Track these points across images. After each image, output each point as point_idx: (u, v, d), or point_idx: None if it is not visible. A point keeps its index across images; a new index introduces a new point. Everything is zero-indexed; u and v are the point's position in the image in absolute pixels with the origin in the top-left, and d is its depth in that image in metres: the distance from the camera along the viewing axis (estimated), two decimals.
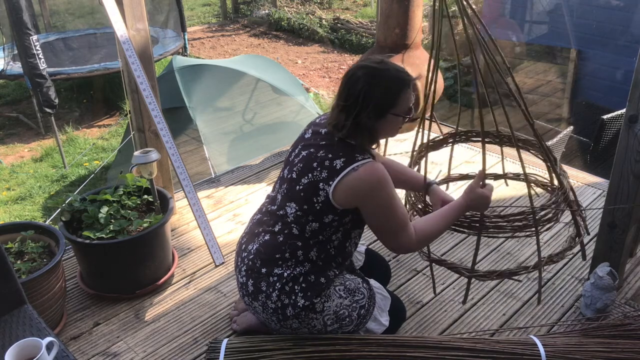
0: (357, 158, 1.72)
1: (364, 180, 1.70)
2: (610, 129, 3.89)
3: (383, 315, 1.93)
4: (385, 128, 1.76)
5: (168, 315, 2.21)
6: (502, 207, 1.97)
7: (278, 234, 1.80)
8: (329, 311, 1.80)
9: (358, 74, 1.69)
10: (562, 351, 1.78)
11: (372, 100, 1.68)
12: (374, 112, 1.70)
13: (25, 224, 2.20)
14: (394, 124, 1.76)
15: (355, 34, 8.62)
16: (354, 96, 1.68)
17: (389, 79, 1.70)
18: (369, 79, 1.68)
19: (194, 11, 11.20)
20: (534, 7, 5.74)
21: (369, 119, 1.70)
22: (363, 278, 1.93)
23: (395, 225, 1.77)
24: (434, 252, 2.41)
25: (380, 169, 1.72)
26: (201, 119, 4.44)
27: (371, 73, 1.69)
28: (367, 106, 1.68)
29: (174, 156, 2.45)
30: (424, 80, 3.02)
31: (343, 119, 1.72)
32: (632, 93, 1.86)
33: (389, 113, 1.71)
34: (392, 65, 1.74)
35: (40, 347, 1.42)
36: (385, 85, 1.69)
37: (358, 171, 1.70)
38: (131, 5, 2.41)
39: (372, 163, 1.72)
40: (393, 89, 1.70)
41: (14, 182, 5.16)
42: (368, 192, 1.71)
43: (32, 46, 5.09)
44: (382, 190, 1.72)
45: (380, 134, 1.79)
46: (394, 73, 1.72)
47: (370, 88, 1.68)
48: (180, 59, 4.95)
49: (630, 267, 2.37)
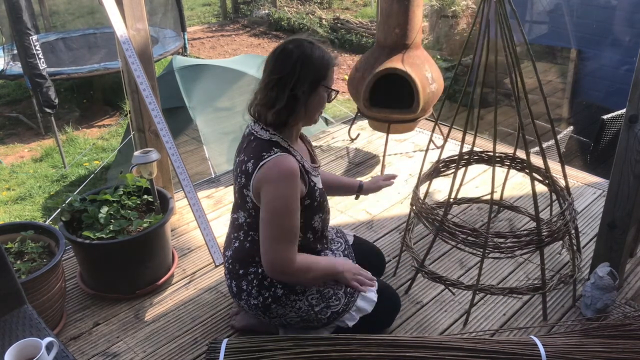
0: (264, 156, 1.71)
1: (264, 173, 1.70)
2: (610, 129, 3.89)
3: (371, 292, 1.95)
4: (315, 104, 1.76)
5: (168, 315, 2.21)
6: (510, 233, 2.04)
7: (244, 241, 1.88)
8: (312, 290, 1.87)
9: (290, 47, 1.71)
10: (562, 351, 1.78)
11: (308, 70, 1.69)
12: (309, 84, 1.70)
13: (25, 224, 2.20)
14: (322, 100, 1.77)
15: (355, 34, 8.62)
16: (289, 67, 1.68)
17: (320, 52, 1.72)
18: (302, 50, 1.70)
19: (194, 11, 11.20)
20: (534, 7, 5.74)
21: (304, 93, 1.70)
22: (351, 258, 2.02)
23: (282, 232, 1.72)
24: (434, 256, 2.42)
25: (285, 162, 1.71)
26: (201, 119, 4.43)
27: (303, 45, 1.71)
28: (303, 77, 1.69)
29: (174, 156, 2.45)
30: (424, 80, 3.03)
31: (275, 95, 1.70)
32: (632, 93, 1.86)
33: (320, 85, 1.73)
34: (317, 42, 1.76)
35: (40, 348, 1.42)
36: (317, 57, 1.71)
37: (263, 166, 1.71)
38: (131, 5, 2.41)
39: (278, 157, 1.71)
40: (325, 62, 1.72)
41: (14, 182, 5.16)
42: (265, 183, 1.71)
43: (32, 46, 5.09)
44: (280, 182, 1.70)
45: (310, 112, 1.78)
46: (321, 48, 1.74)
47: (306, 58, 1.69)
48: (180, 59, 4.95)
49: (630, 267, 2.37)
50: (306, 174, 1.78)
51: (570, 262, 2.24)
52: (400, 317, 2.14)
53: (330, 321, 1.89)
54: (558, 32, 5.58)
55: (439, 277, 2.16)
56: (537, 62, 5.37)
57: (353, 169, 3.31)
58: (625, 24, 5.04)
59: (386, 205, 2.94)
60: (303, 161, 1.80)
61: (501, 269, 2.42)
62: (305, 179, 1.78)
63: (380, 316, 1.97)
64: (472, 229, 2.03)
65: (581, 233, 2.59)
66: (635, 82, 1.84)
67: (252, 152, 1.75)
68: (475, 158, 2.40)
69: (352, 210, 2.89)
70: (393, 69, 2.97)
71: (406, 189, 3.09)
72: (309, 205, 1.81)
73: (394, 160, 3.40)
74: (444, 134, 2.28)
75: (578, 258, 2.19)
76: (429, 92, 3.05)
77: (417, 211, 2.24)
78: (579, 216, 2.77)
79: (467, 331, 2.09)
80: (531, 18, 5.84)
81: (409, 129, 3.31)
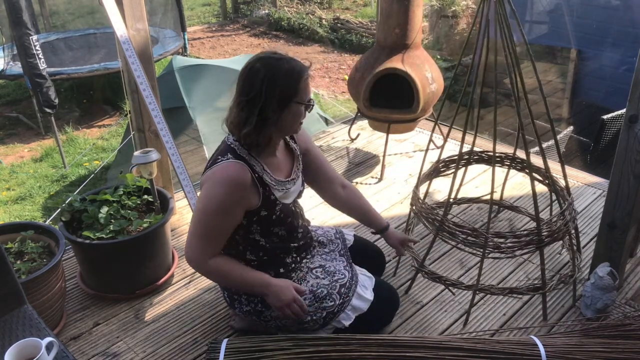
0: (218, 160, 1.73)
1: (209, 174, 1.73)
2: (610, 129, 3.89)
3: (367, 291, 1.95)
4: (289, 120, 1.74)
5: (168, 315, 2.21)
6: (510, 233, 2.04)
7: (229, 250, 1.88)
8: (305, 293, 1.87)
9: (257, 66, 1.68)
10: (562, 351, 1.78)
11: (275, 90, 1.67)
12: (278, 102, 1.68)
13: (25, 224, 2.20)
14: (297, 114, 1.74)
15: (355, 33, 8.62)
16: (257, 88, 1.67)
17: (288, 67, 1.69)
18: (269, 69, 1.67)
19: (194, 11, 11.20)
20: (534, 7, 5.74)
21: (274, 112, 1.69)
22: (347, 262, 2.02)
23: (203, 230, 1.73)
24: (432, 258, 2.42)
25: (228, 169, 1.71)
26: (201, 119, 4.43)
27: (269, 63, 1.68)
28: (271, 97, 1.67)
29: (174, 156, 2.45)
30: (424, 80, 3.03)
31: (245, 116, 1.70)
32: (632, 93, 1.86)
33: (292, 102, 1.70)
34: (287, 55, 1.73)
35: (40, 348, 1.42)
36: (285, 74, 1.68)
37: (212, 168, 1.73)
38: (131, 5, 2.41)
39: (227, 162, 1.72)
40: (293, 76, 1.69)
41: (14, 182, 5.16)
42: (206, 182, 1.73)
43: (32, 46, 5.08)
44: (217, 185, 1.71)
45: (286, 127, 1.77)
46: (290, 61, 1.71)
47: (272, 77, 1.66)
48: (180, 59, 4.95)
49: (630, 267, 2.37)
50: (262, 186, 1.77)
51: (570, 262, 2.24)
52: (400, 317, 2.14)
53: (326, 322, 1.89)
54: (558, 32, 5.58)
55: (439, 277, 2.16)
56: (537, 62, 5.38)
57: (353, 169, 3.31)
58: (625, 24, 5.04)
59: (386, 205, 2.94)
60: (263, 173, 1.78)
61: (501, 269, 2.42)
62: (259, 191, 1.77)
63: (379, 315, 1.97)
64: (472, 229, 2.03)
65: (581, 233, 2.59)
66: (635, 82, 1.84)
67: (214, 153, 1.80)
68: (475, 158, 2.40)
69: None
70: (393, 69, 2.97)
71: (406, 189, 3.09)
72: (266, 217, 1.81)
73: (394, 160, 3.40)
74: (444, 134, 2.28)
75: (578, 258, 2.19)
76: (429, 92, 3.05)
77: (417, 211, 2.24)
78: (579, 216, 2.77)
79: (467, 331, 2.09)
80: (531, 18, 5.83)
81: (409, 129, 3.31)
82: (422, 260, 2.19)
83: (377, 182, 3.16)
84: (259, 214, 1.80)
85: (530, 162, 2.10)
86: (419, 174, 2.35)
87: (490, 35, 1.98)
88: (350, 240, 2.18)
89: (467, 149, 2.38)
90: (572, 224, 2.09)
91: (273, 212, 1.82)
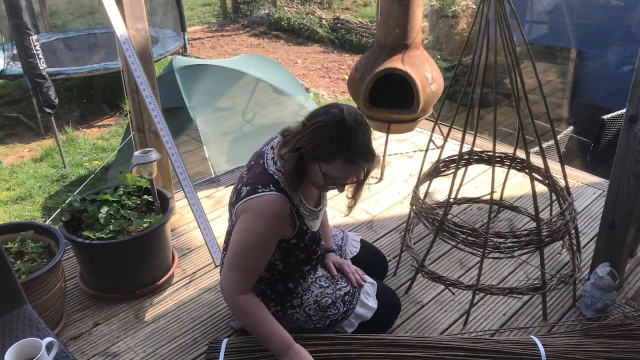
0: (258, 189, 1.67)
1: (249, 204, 1.67)
2: (610, 129, 3.89)
3: (370, 299, 1.95)
4: (310, 174, 1.69)
5: (168, 316, 2.20)
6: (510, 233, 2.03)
7: None
8: (309, 302, 1.88)
9: (331, 111, 1.62)
10: (562, 351, 1.78)
11: (315, 138, 1.60)
12: (312, 150, 1.61)
13: (25, 224, 2.19)
14: (316, 176, 1.67)
15: (355, 34, 8.62)
16: (311, 123, 1.61)
17: (345, 135, 1.58)
18: (330, 119, 1.60)
19: (194, 11, 11.20)
20: (534, 7, 5.74)
21: (306, 156, 1.63)
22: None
23: (242, 262, 1.69)
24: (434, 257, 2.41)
25: (272, 203, 1.65)
26: (201, 119, 4.43)
27: (337, 116, 1.60)
28: (310, 141, 1.60)
29: (174, 156, 2.45)
30: (424, 80, 3.03)
31: (295, 140, 1.64)
32: (632, 93, 1.86)
33: (318, 162, 1.63)
34: (364, 131, 1.61)
35: (40, 348, 1.42)
36: (336, 136, 1.59)
37: (253, 199, 1.66)
38: (131, 5, 2.41)
39: (269, 195, 1.65)
40: (337, 148, 1.60)
41: (14, 182, 5.16)
42: (245, 212, 1.67)
43: (32, 46, 5.08)
44: (256, 218, 1.65)
45: (308, 176, 1.70)
46: (357, 136, 1.59)
47: (324, 128, 1.59)
48: (180, 59, 4.94)
49: (630, 267, 2.37)
50: (298, 218, 1.76)
51: (570, 262, 2.24)
52: (400, 317, 2.14)
53: (329, 328, 1.90)
54: (558, 32, 5.58)
55: (439, 277, 2.15)
56: (537, 62, 5.38)
57: None
58: (625, 24, 5.04)
59: (386, 205, 2.94)
60: (300, 205, 1.76)
61: (501, 269, 2.42)
62: (295, 223, 1.76)
63: (380, 319, 1.97)
64: (472, 229, 2.03)
65: (581, 233, 2.59)
66: (635, 82, 1.84)
67: (252, 178, 1.72)
68: (475, 158, 2.40)
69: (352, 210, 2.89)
70: (393, 69, 2.97)
71: (406, 189, 3.09)
72: (295, 244, 1.80)
73: (394, 160, 3.40)
74: (444, 134, 2.28)
75: (578, 258, 2.19)
76: (429, 92, 3.05)
77: (417, 211, 2.24)
78: (579, 216, 2.77)
79: (467, 331, 2.09)
80: (531, 18, 5.83)
81: (409, 129, 3.31)
82: (422, 260, 2.19)
83: (377, 182, 3.16)
84: (289, 242, 1.78)
85: (530, 162, 2.10)
86: (419, 174, 2.35)
87: (490, 35, 1.98)
88: (356, 249, 2.18)
89: (467, 149, 2.38)
90: (572, 224, 2.09)
91: (302, 241, 1.81)
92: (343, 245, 2.16)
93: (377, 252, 2.29)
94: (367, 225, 2.77)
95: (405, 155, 3.47)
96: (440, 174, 2.41)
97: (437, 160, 2.36)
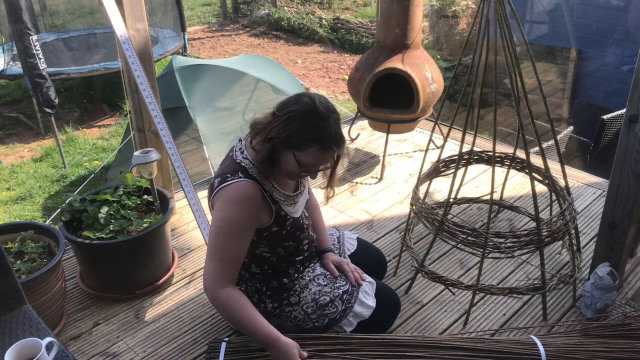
0: (227, 178, 1.70)
1: (221, 194, 1.69)
2: (610, 129, 3.90)
3: (369, 298, 1.95)
4: (282, 162, 1.70)
5: (168, 315, 2.21)
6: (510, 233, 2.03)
7: None
8: (307, 300, 1.89)
9: (298, 99, 1.64)
10: (562, 351, 1.78)
11: (288, 126, 1.62)
12: (284, 139, 1.63)
13: (25, 224, 2.20)
14: (289, 164, 1.69)
15: (355, 34, 8.62)
16: (282, 113, 1.63)
17: (318, 123, 1.62)
18: (302, 107, 1.62)
19: (194, 11, 11.20)
20: (534, 7, 5.74)
21: (278, 144, 1.65)
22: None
23: (219, 251, 1.69)
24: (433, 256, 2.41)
25: (241, 189, 1.68)
26: (201, 119, 4.43)
27: (308, 105, 1.62)
28: (282, 130, 1.62)
29: (174, 156, 2.45)
30: (424, 80, 3.03)
31: (265, 130, 1.67)
32: (632, 93, 1.86)
33: (292, 151, 1.65)
34: (333, 116, 1.64)
35: (40, 347, 1.42)
36: (308, 123, 1.62)
37: (223, 188, 1.69)
38: (131, 5, 2.41)
39: (238, 182, 1.68)
40: (313, 132, 1.62)
41: (14, 182, 5.16)
42: (218, 201, 1.70)
43: (32, 46, 5.09)
44: (227, 204, 1.68)
45: (280, 165, 1.72)
46: (327, 122, 1.62)
47: (297, 117, 1.61)
48: (180, 59, 4.94)
49: (630, 267, 2.37)
50: (273, 203, 1.77)
51: (570, 262, 2.24)
52: (400, 317, 2.14)
53: (327, 327, 1.90)
54: (558, 32, 5.58)
55: (439, 277, 2.16)
56: (537, 62, 5.39)
57: (353, 168, 3.31)
58: (625, 24, 5.04)
59: (386, 205, 2.94)
60: (272, 190, 1.77)
61: (501, 269, 2.42)
62: (271, 208, 1.76)
63: (379, 319, 1.97)
64: (472, 229, 2.03)
65: (581, 233, 2.59)
66: (635, 82, 1.84)
67: (222, 169, 1.76)
68: (475, 158, 2.40)
69: (352, 210, 2.89)
70: (393, 69, 2.97)
71: (406, 189, 3.09)
72: (277, 232, 1.81)
73: (394, 160, 3.40)
74: (444, 134, 2.28)
75: (578, 258, 2.19)
76: (429, 92, 3.05)
77: (417, 211, 2.24)
78: (579, 216, 2.77)
79: (467, 331, 2.09)
80: (531, 18, 5.83)
81: (409, 129, 3.31)
82: (422, 260, 2.20)
83: (377, 182, 3.16)
84: (270, 230, 1.80)
85: (530, 162, 2.10)
86: (419, 174, 2.35)
87: (490, 35, 1.98)
88: (353, 246, 2.18)
89: (467, 149, 2.38)
90: (572, 224, 2.09)
91: (284, 228, 1.82)
92: (341, 244, 2.16)
93: (376, 251, 2.29)
94: (367, 225, 2.77)
95: (405, 155, 3.47)
96: (440, 174, 2.42)
97: (437, 160, 2.36)
